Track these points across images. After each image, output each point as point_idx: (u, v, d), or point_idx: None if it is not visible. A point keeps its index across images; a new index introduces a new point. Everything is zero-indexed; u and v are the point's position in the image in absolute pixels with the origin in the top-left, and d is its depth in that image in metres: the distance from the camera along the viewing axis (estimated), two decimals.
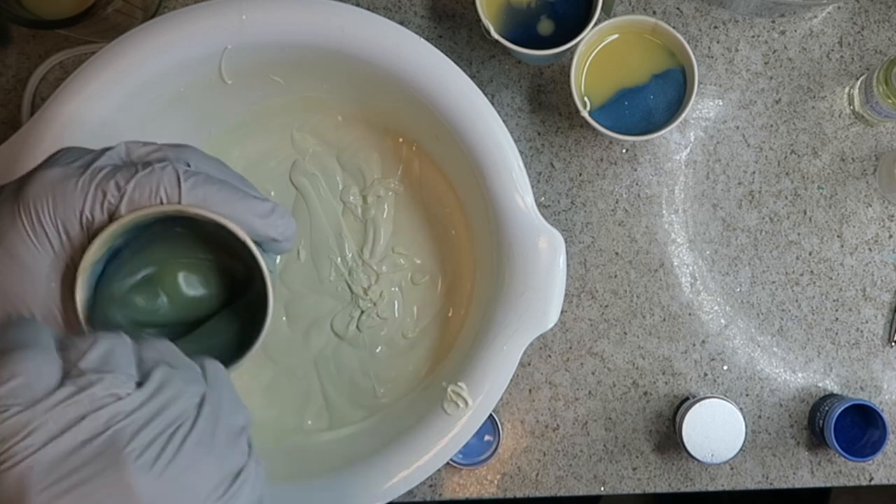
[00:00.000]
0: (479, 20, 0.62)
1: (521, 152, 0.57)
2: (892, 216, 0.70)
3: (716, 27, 0.70)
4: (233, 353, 0.43)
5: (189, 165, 0.41)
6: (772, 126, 0.70)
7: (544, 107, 0.71)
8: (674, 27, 0.62)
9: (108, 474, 0.31)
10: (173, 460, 0.33)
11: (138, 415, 0.33)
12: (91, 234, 0.39)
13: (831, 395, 0.70)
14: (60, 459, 0.31)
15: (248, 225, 0.41)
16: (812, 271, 0.71)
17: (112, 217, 0.39)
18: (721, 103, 0.70)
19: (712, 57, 0.70)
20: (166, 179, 0.39)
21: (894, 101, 0.64)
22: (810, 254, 0.71)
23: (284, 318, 0.66)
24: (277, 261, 0.56)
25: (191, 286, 0.46)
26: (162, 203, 0.39)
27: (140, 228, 0.41)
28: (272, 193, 0.66)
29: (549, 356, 0.71)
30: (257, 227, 0.42)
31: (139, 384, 0.34)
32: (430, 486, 0.71)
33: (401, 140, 0.66)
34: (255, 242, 0.42)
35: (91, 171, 0.39)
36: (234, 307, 0.46)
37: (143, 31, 0.56)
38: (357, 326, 0.66)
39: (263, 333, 0.43)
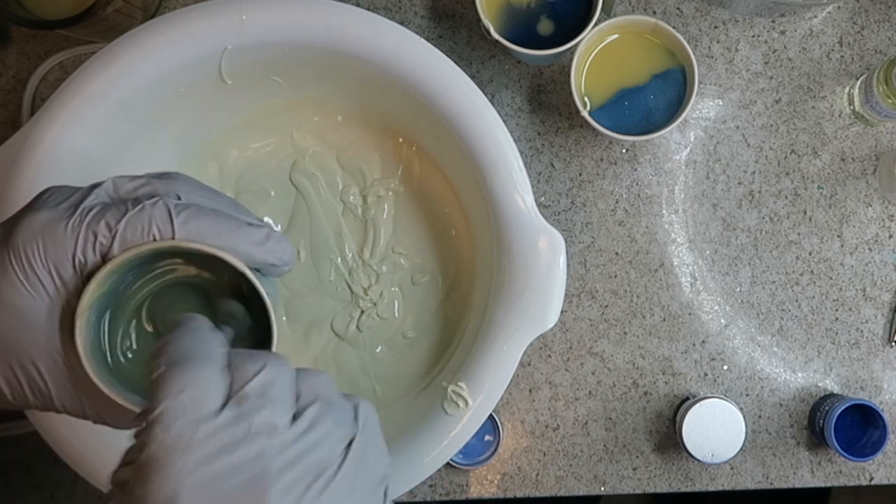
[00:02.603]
0: (479, 20, 0.62)
1: (521, 152, 0.57)
2: (892, 216, 0.70)
3: (716, 27, 0.70)
4: None
5: (179, 198, 0.40)
6: (772, 126, 0.70)
7: (544, 107, 0.71)
8: (674, 27, 0.62)
9: None
10: (315, 502, 0.33)
11: (289, 452, 0.33)
12: (85, 276, 0.39)
13: (831, 395, 0.70)
14: (210, 482, 0.31)
15: (244, 254, 0.41)
16: (812, 271, 0.71)
17: (105, 257, 0.38)
18: (721, 103, 0.70)
19: (712, 57, 0.70)
20: (157, 216, 0.39)
21: (894, 101, 0.64)
22: (810, 254, 0.71)
23: (284, 318, 0.66)
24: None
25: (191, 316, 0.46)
26: (155, 240, 0.39)
27: (136, 265, 0.40)
28: (272, 193, 0.66)
29: (549, 356, 0.71)
30: (254, 254, 0.41)
31: (294, 416, 0.34)
32: (430, 486, 0.71)
33: (401, 140, 0.66)
34: (255, 269, 0.42)
35: (80, 212, 0.38)
36: (238, 334, 0.46)
37: (143, 31, 0.56)
38: (357, 326, 0.66)
39: None
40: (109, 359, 0.42)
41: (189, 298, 0.45)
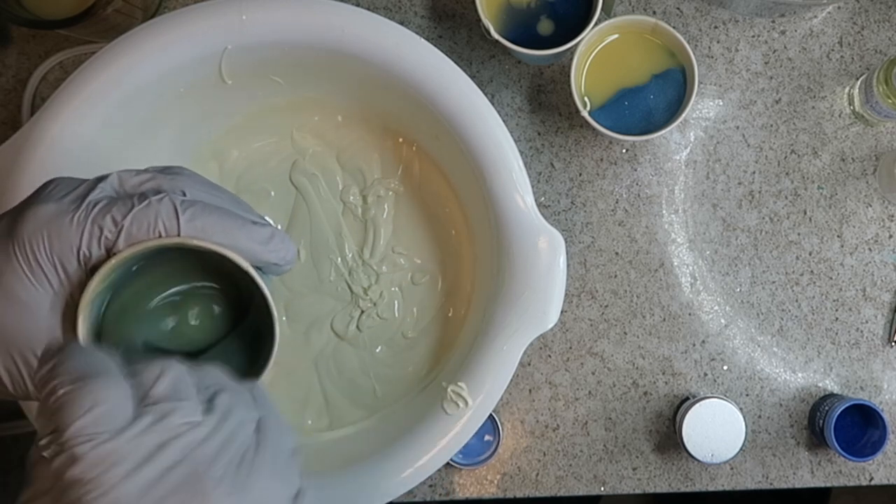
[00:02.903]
0: (479, 20, 0.62)
1: (521, 152, 0.57)
2: (892, 216, 0.70)
3: (716, 27, 0.70)
4: (241, 379, 0.43)
5: (185, 194, 0.41)
6: (772, 126, 0.70)
7: (544, 107, 0.71)
8: (674, 27, 0.62)
9: (195, 502, 0.32)
10: (247, 485, 0.33)
11: (212, 442, 0.33)
12: (89, 270, 0.39)
13: (831, 395, 0.70)
14: (147, 488, 0.31)
15: (248, 252, 0.41)
16: (812, 271, 0.71)
17: (109, 252, 0.39)
18: (721, 103, 0.70)
19: (712, 57, 0.70)
20: (164, 212, 0.39)
21: (894, 101, 0.64)
22: (810, 254, 0.71)
23: (284, 318, 0.66)
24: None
25: (192, 314, 0.46)
26: (160, 236, 0.39)
27: (140, 260, 0.40)
28: (272, 193, 0.66)
29: (549, 356, 0.71)
30: (258, 253, 0.42)
31: (205, 409, 0.34)
32: (430, 486, 0.71)
33: (401, 140, 0.66)
34: (256, 267, 0.42)
35: (86, 206, 0.38)
36: (239, 333, 0.46)
37: (143, 31, 0.56)
38: (357, 326, 0.66)
39: (273, 358, 0.43)
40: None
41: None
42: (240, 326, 0.46)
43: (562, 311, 0.58)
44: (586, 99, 0.64)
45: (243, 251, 0.41)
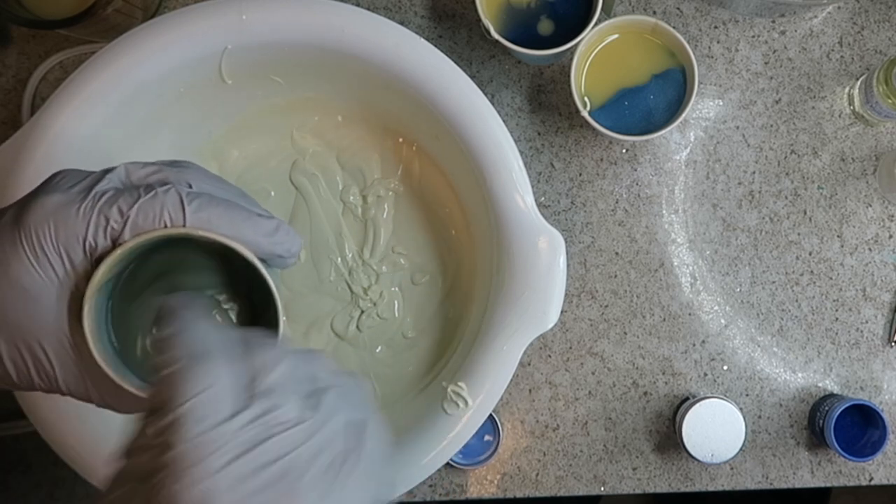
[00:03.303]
0: (479, 20, 0.62)
1: (521, 152, 0.57)
2: (892, 216, 0.70)
3: (716, 27, 0.70)
4: None
5: (191, 186, 0.41)
6: (772, 126, 0.70)
7: (544, 107, 0.71)
8: (674, 27, 0.62)
9: (286, 502, 0.32)
10: (341, 492, 0.33)
11: (312, 443, 0.33)
12: (95, 260, 0.39)
13: (831, 395, 0.70)
14: (241, 481, 0.31)
15: (253, 244, 0.41)
16: (812, 271, 0.71)
17: (115, 242, 0.39)
18: (721, 103, 0.70)
19: (712, 57, 0.70)
20: (170, 203, 0.39)
21: (894, 101, 0.64)
22: (810, 254, 0.71)
23: (284, 318, 0.66)
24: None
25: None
26: (166, 226, 0.39)
27: (146, 251, 0.41)
28: (272, 193, 0.66)
29: (549, 356, 0.71)
30: (263, 245, 0.42)
31: (311, 406, 0.34)
32: (430, 486, 0.71)
33: (401, 140, 0.66)
34: (261, 260, 0.42)
35: (93, 196, 0.39)
36: (243, 325, 0.46)
37: (143, 31, 0.56)
38: (357, 326, 0.66)
39: None
40: (116, 343, 0.42)
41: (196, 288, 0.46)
42: (244, 319, 0.46)
43: (562, 311, 0.58)
44: (586, 99, 0.64)
45: (248, 243, 0.41)
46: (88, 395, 0.41)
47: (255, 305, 0.46)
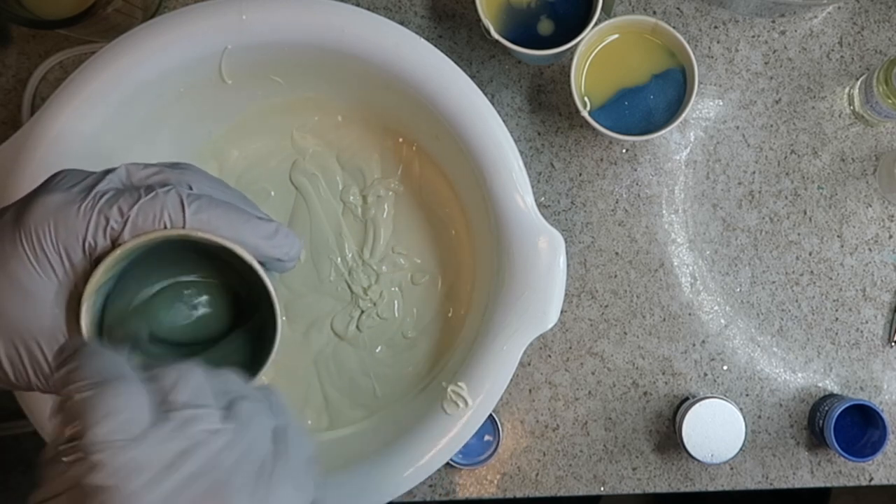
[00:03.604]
0: (479, 20, 0.62)
1: (521, 152, 0.57)
2: (892, 216, 0.70)
3: (716, 27, 0.70)
4: (243, 373, 0.43)
5: (192, 188, 0.41)
6: (772, 126, 0.70)
7: (544, 107, 0.71)
8: (674, 27, 0.62)
9: None
10: (267, 495, 0.33)
11: (233, 450, 0.33)
12: (94, 260, 0.39)
13: (831, 395, 0.70)
14: (169, 497, 0.31)
15: (253, 247, 0.41)
16: (812, 271, 0.71)
17: (115, 243, 0.39)
18: (721, 103, 0.70)
19: (712, 57, 0.70)
20: (170, 204, 0.39)
21: (894, 101, 0.64)
22: (810, 254, 0.71)
23: (284, 319, 0.66)
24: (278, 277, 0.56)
25: (196, 308, 0.46)
26: (166, 227, 0.39)
27: (144, 252, 0.41)
28: (272, 193, 0.66)
29: (549, 356, 0.71)
30: (262, 248, 0.42)
31: (224, 418, 0.34)
32: (430, 486, 0.71)
33: (401, 140, 0.66)
34: (260, 263, 0.42)
35: (93, 196, 0.39)
36: (241, 328, 0.46)
37: (143, 31, 0.56)
38: (357, 326, 0.66)
39: (273, 354, 0.43)
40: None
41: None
42: (242, 322, 0.46)
43: (562, 311, 0.58)
44: (586, 99, 0.64)
45: (248, 245, 0.41)
46: None
47: (254, 308, 0.46)
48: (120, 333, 0.42)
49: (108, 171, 0.41)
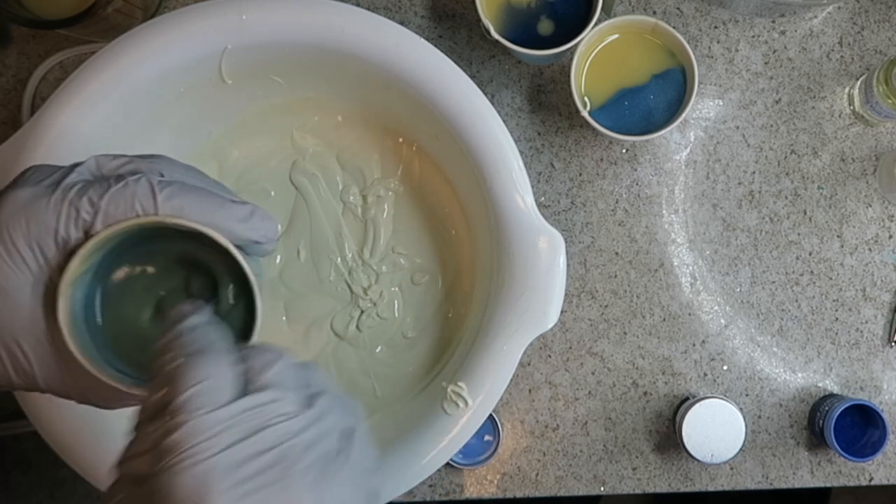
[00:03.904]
0: (479, 20, 0.62)
1: (521, 152, 0.57)
2: (892, 216, 0.70)
3: (716, 27, 0.70)
4: None
5: (162, 175, 0.40)
6: (772, 126, 0.70)
7: (544, 107, 0.71)
8: (674, 27, 0.62)
9: (280, 487, 0.33)
10: (331, 485, 0.34)
11: (305, 436, 0.34)
12: (68, 253, 0.38)
13: (831, 395, 0.70)
14: (238, 465, 0.32)
15: (228, 230, 0.41)
16: (812, 271, 0.71)
17: (88, 234, 0.38)
18: (721, 103, 0.70)
19: (712, 57, 0.70)
20: (140, 192, 0.39)
21: (894, 101, 0.64)
22: (810, 254, 0.71)
23: (284, 318, 0.66)
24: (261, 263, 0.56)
25: (175, 296, 0.45)
26: (139, 216, 0.39)
27: (120, 241, 0.40)
28: (272, 193, 0.66)
29: (549, 356, 0.71)
30: (238, 231, 0.41)
31: (304, 405, 0.35)
32: (430, 486, 0.71)
33: (401, 140, 0.66)
34: (238, 247, 0.42)
35: (62, 188, 0.38)
36: (223, 314, 0.45)
37: (143, 31, 0.56)
38: (357, 326, 0.66)
39: (254, 338, 0.43)
40: (109, 334, 0.42)
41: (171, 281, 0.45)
42: (223, 308, 0.46)
43: (562, 311, 0.58)
44: (586, 99, 0.64)
45: (223, 229, 0.41)
46: (68, 391, 0.41)
47: (236, 293, 0.45)
48: (100, 326, 0.41)
49: (76, 164, 0.40)
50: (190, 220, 0.40)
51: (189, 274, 0.45)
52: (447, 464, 0.60)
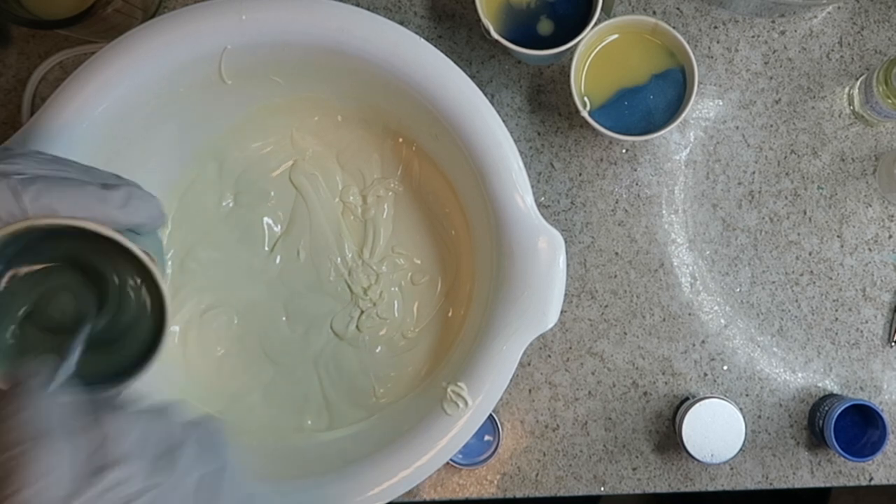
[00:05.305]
0: (479, 20, 0.62)
1: (521, 152, 0.57)
2: (892, 216, 0.70)
3: (716, 27, 0.70)
4: (144, 352, 0.42)
5: (24, 174, 0.38)
6: (772, 126, 0.70)
7: (544, 107, 0.71)
8: (674, 27, 0.62)
9: None
10: None
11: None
12: None
13: (831, 395, 0.70)
14: None
15: (107, 218, 0.39)
16: (812, 271, 0.71)
17: None
18: (721, 103, 0.70)
19: (712, 57, 0.70)
20: (2, 198, 0.37)
21: (894, 101, 0.64)
22: (810, 254, 0.71)
23: (284, 318, 0.66)
24: (163, 239, 0.52)
25: (62, 297, 0.44)
26: (7, 224, 0.37)
27: (7, 247, 0.39)
28: (272, 193, 0.66)
29: (549, 356, 0.71)
30: (118, 218, 0.39)
31: (161, 469, 0.33)
32: (430, 486, 0.71)
33: (401, 140, 0.66)
34: (131, 231, 0.40)
35: None
36: (127, 304, 0.44)
37: (143, 31, 0.56)
38: (357, 326, 0.66)
39: (165, 331, 0.41)
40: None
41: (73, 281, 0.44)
42: (127, 298, 0.44)
43: (562, 311, 0.58)
44: (586, 99, 0.64)
45: (100, 219, 0.39)
46: None
47: (140, 277, 0.43)
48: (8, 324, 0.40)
49: None
50: (63, 216, 0.38)
51: (80, 274, 0.43)
52: (447, 464, 0.60)
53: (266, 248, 0.67)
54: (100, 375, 0.42)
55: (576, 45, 0.62)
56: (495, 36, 0.61)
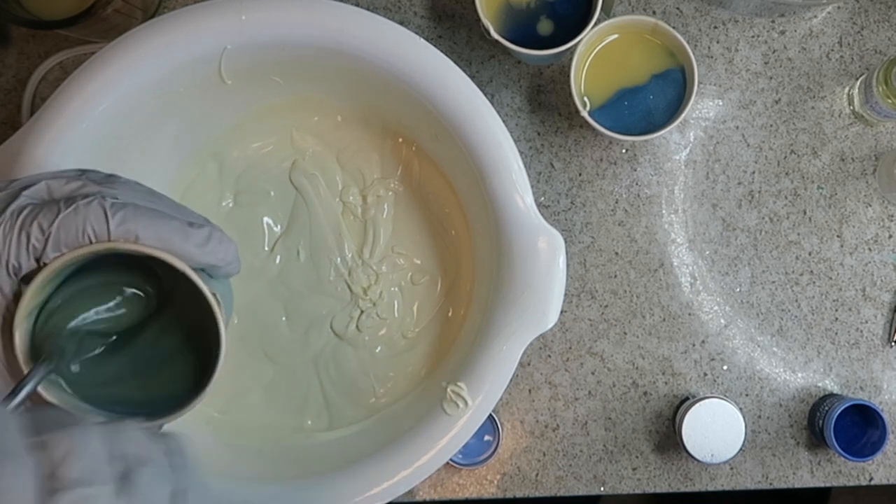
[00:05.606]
0: (479, 20, 0.62)
1: (521, 152, 0.57)
2: (892, 216, 0.70)
3: (716, 27, 0.70)
4: (190, 386, 0.42)
5: (117, 198, 0.39)
6: (772, 126, 0.70)
7: (544, 107, 0.71)
8: (674, 27, 0.62)
9: None
10: None
11: None
12: (22, 280, 0.37)
13: (831, 395, 0.70)
14: None
15: (184, 255, 0.40)
16: (812, 271, 0.71)
17: (39, 261, 0.37)
18: (721, 103, 0.70)
19: (712, 57, 0.70)
20: (92, 216, 0.37)
21: (894, 101, 0.64)
22: (810, 254, 0.71)
23: (284, 318, 0.66)
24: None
25: (127, 315, 0.44)
26: (91, 241, 0.37)
27: (82, 266, 0.39)
28: (272, 193, 0.66)
29: (549, 356, 0.71)
30: (195, 256, 0.40)
31: (118, 491, 0.32)
32: (430, 486, 0.71)
33: (401, 140, 0.66)
34: (202, 270, 0.41)
35: (10, 214, 0.37)
36: (187, 338, 0.44)
37: (143, 31, 0.56)
38: (357, 326, 0.66)
39: (220, 363, 0.41)
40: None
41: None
42: (186, 331, 0.45)
43: (562, 311, 0.58)
44: (586, 99, 0.64)
45: (178, 253, 0.39)
46: None
47: (201, 318, 0.44)
48: (48, 349, 0.40)
49: (25, 187, 0.39)
50: (144, 245, 0.38)
51: (149, 294, 0.44)
52: (447, 464, 0.60)
53: (266, 248, 0.67)
54: (131, 404, 0.42)
55: (576, 45, 0.62)
56: (495, 36, 0.61)
